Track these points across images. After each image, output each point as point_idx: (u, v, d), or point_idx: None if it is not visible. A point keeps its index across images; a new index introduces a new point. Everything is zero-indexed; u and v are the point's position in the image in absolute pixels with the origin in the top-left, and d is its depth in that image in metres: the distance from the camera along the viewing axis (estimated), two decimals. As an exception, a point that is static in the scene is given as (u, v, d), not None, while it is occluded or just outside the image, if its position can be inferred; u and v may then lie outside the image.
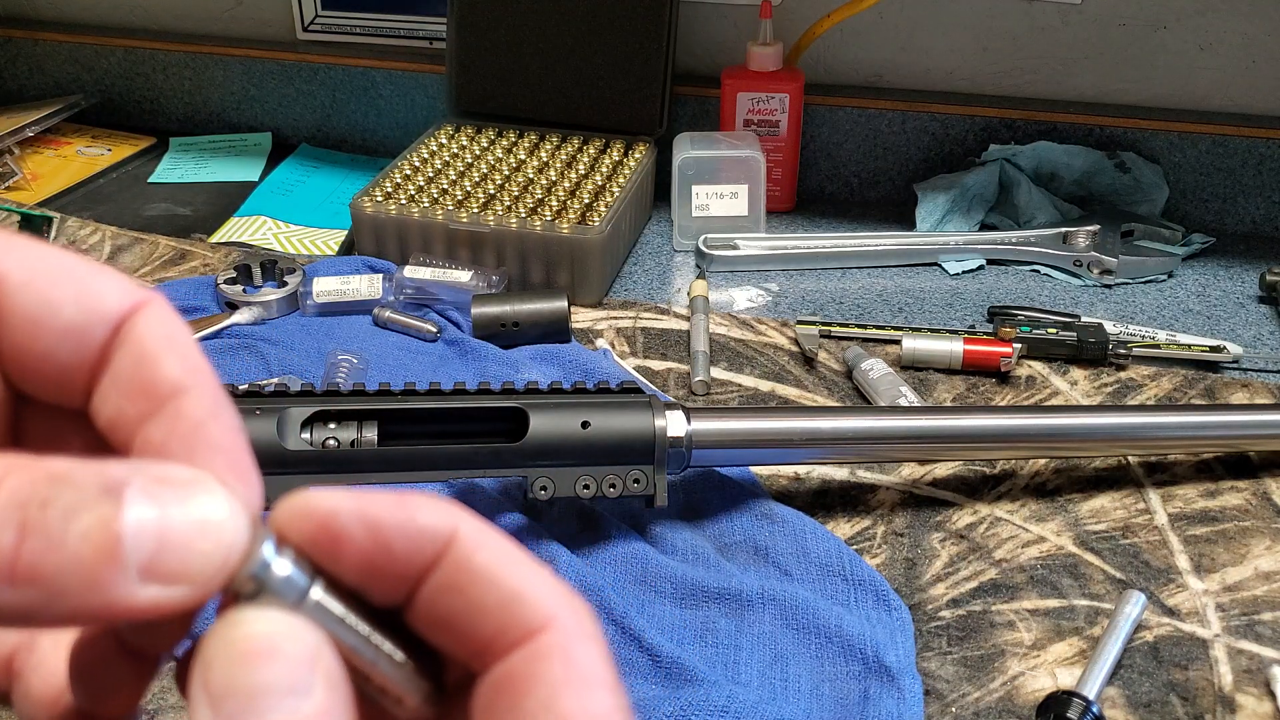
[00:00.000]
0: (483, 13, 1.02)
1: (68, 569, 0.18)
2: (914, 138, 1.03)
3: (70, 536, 0.18)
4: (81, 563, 0.18)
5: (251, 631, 0.19)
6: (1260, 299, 0.90)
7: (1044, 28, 0.99)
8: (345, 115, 1.17)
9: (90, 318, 0.21)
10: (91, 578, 0.18)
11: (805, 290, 0.92)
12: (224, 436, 0.21)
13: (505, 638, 0.21)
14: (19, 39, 1.25)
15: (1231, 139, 0.97)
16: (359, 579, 0.21)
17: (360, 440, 0.58)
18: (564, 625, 0.21)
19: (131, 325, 0.22)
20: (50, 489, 0.18)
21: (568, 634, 0.21)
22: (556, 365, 0.79)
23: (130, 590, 0.18)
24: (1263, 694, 0.55)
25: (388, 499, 0.21)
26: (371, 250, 0.91)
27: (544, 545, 0.62)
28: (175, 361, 0.21)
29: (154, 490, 0.19)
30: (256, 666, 0.19)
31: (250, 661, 0.19)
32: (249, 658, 0.19)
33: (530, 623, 0.21)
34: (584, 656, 0.21)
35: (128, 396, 0.21)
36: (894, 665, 0.55)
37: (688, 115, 1.07)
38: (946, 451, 0.67)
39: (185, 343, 0.22)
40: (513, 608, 0.21)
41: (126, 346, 0.22)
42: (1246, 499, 0.68)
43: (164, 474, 0.19)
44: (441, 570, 0.21)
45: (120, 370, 0.21)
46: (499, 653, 0.21)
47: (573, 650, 0.21)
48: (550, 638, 0.21)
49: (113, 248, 0.97)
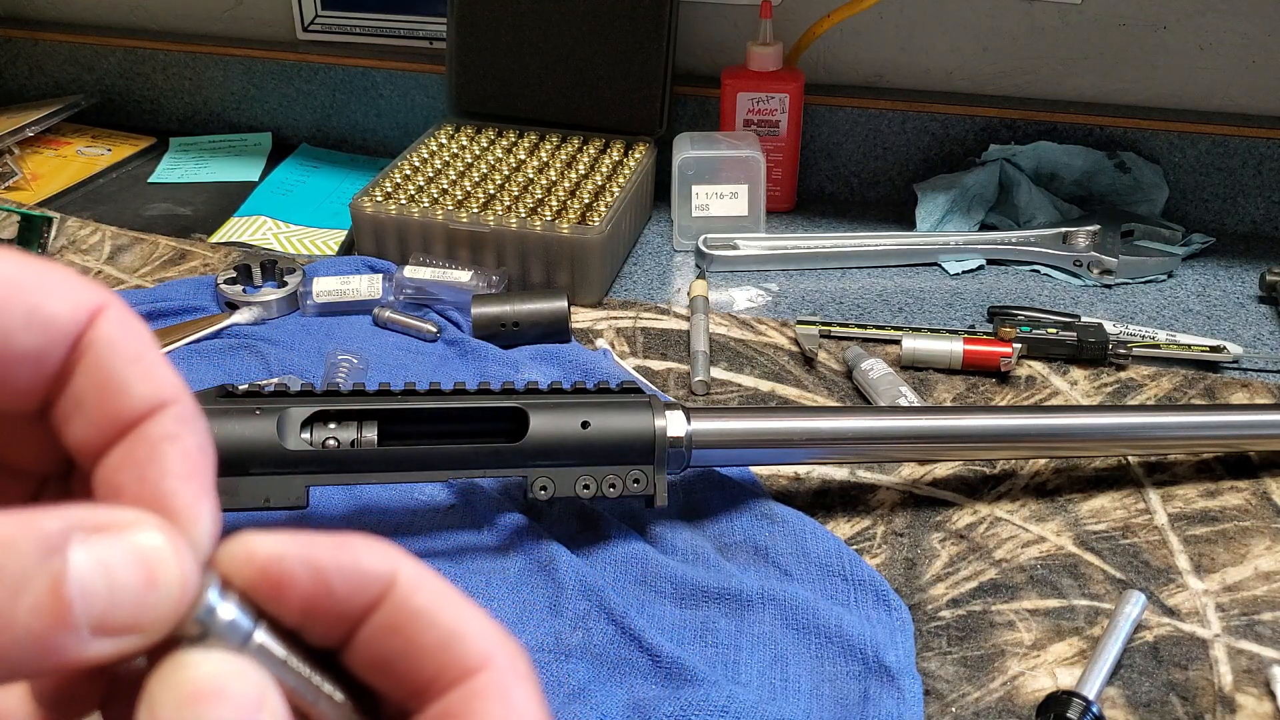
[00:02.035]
0: (483, 13, 1.02)
1: (21, 641, 0.18)
2: (914, 138, 1.03)
3: (20, 612, 0.18)
4: (32, 634, 0.18)
5: (198, 674, 0.19)
6: (1260, 299, 0.90)
7: (1044, 28, 0.99)
8: (345, 115, 1.17)
9: (44, 339, 0.20)
10: (43, 645, 0.18)
11: (805, 290, 0.92)
12: (180, 463, 0.20)
13: (443, 677, 0.21)
14: (19, 39, 1.25)
15: (1231, 139, 0.97)
16: (299, 621, 0.21)
17: (360, 440, 0.58)
18: (500, 665, 0.22)
19: (90, 341, 0.20)
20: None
21: (504, 673, 0.22)
22: (556, 365, 0.79)
23: (82, 647, 0.18)
24: (1263, 694, 0.55)
25: (330, 542, 0.21)
26: (371, 250, 0.91)
27: (544, 545, 0.62)
28: (140, 384, 0.21)
29: (95, 542, 0.18)
30: (204, 708, 0.19)
31: (197, 703, 0.19)
32: (196, 699, 0.19)
33: (468, 662, 0.21)
34: (519, 696, 0.22)
35: (94, 424, 0.21)
36: (894, 665, 0.55)
37: (688, 115, 1.07)
38: (946, 451, 0.67)
39: (149, 357, 0.21)
40: (451, 647, 0.21)
41: (87, 366, 0.20)
42: (1246, 499, 0.68)
43: (103, 520, 0.19)
44: (382, 612, 0.21)
45: (84, 395, 0.21)
46: (437, 692, 0.21)
47: (509, 690, 0.22)
48: (487, 677, 0.22)
49: (113, 248, 0.97)
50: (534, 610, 0.59)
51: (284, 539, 0.20)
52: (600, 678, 0.55)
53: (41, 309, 0.20)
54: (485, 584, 0.61)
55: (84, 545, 0.18)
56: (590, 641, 0.57)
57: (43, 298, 0.20)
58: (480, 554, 0.62)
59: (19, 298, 0.20)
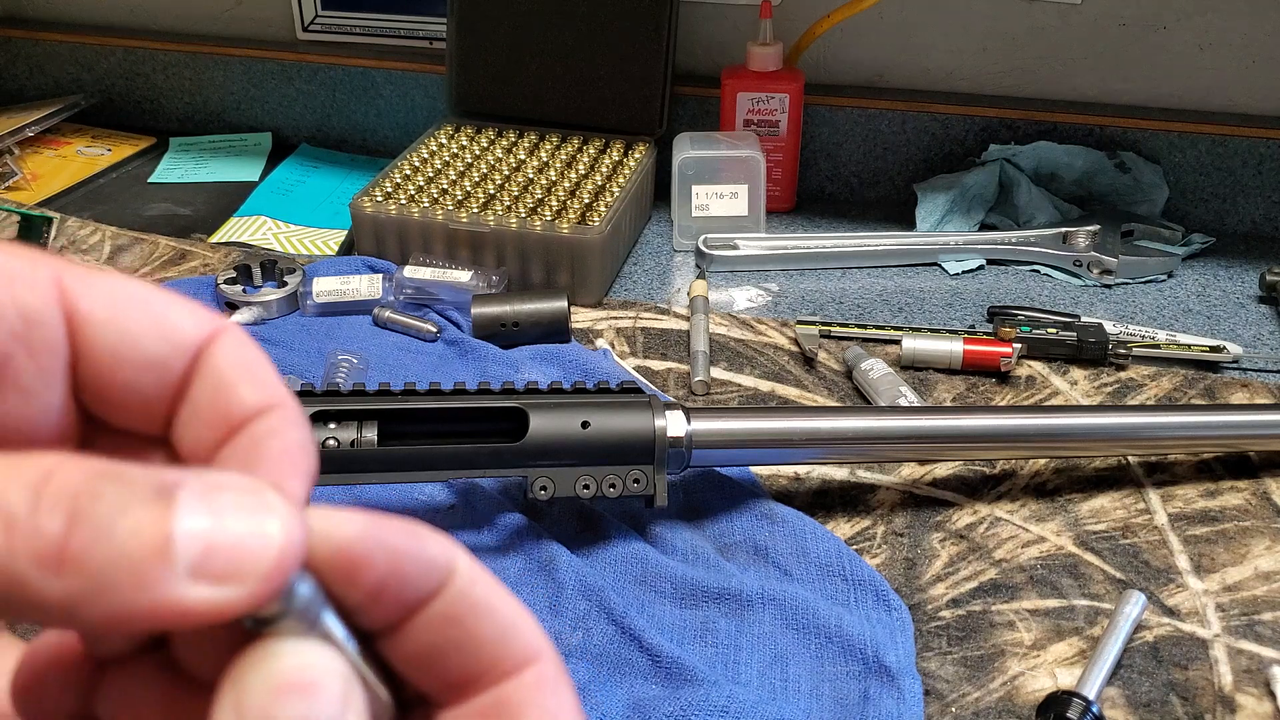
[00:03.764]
0: (483, 13, 1.02)
1: (117, 562, 0.18)
2: (914, 138, 1.03)
3: (120, 530, 0.18)
4: (130, 558, 0.18)
5: (294, 664, 0.19)
6: (1260, 299, 0.90)
7: (1044, 28, 0.99)
8: (345, 115, 1.17)
9: (170, 348, 0.22)
10: (140, 574, 0.18)
11: (805, 290, 0.92)
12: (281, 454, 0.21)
13: (498, 668, 0.22)
14: (19, 39, 1.25)
15: (1231, 139, 0.97)
16: (363, 604, 0.21)
17: (360, 440, 0.58)
18: (550, 658, 0.23)
19: (209, 354, 0.22)
20: (101, 484, 0.18)
21: (554, 666, 0.23)
22: (556, 365, 0.79)
23: (180, 589, 0.18)
24: (1263, 694, 0.55)
25: (400, 526, 0.21)
26: (371, 250, 0.91)
27: (544, 545, 0.62)
28: (250, 388, 0.22)
29: (208, 494, 0.19)
30: (296, 700, 0.19)
31: (290, 695, 0.19)
32: (290, 691, 0.19)
33: (524, 654, 0.22)
34: (567, 689, 0.23)
35: (207, 424, 0.22)
36: (894, 665, 0.55)
37: (688, 115, 1.07)
38: (946, 451, 0.67)
39: (261, 368, 0.22)
40: (508, 640, 0.22)
41: (204, 375, 0.22)
42: (1246, 499, 0.68)
43: (219, 480, 0.19)
44: (442, 600, 0.21)
45: (199, 399, 0.22)
46: (490, 682, 0.22)
47: (559, 682, 0.23)
48: (539, 669, 0.22)
49: (113, 248, 0.97)
50: (534, 610, 0.59)
51: (361, 518, 0.21)
52: (600, 678, 0.55)
53: (167, 320, 0.22)
54: (485, 584, 0.60)
55: (195, 494, 0.19)
56: (590, 641, 0.57)
57: (170, 314, 0.22)
58: (480, 554, 0.62)
59: (150, 312, 0.22)
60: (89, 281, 0.22)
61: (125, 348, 0.21)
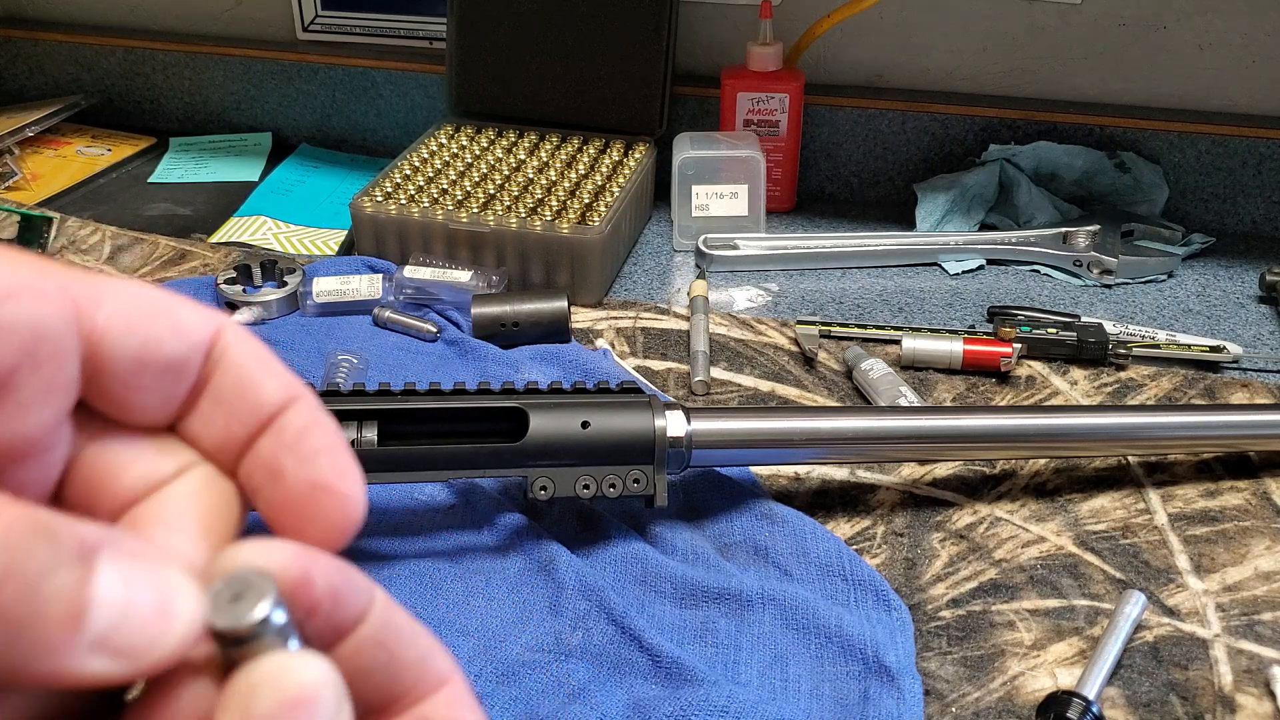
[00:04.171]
0: (483, 13, 1.02)
1: (33, 623, 0.18)
2: (914, 138, 1.03)
3: (44, 592, 0.18)
4: (46, 622, 0.18)
5: (301, 679, 0.20)
6: (1260, 299, 0.90)
7: (1044, 28, 0.99)
8: (345, 115, 1.17)
9: (188, 348, 0.22)
10: (50, 640, 0.18)
11: (805, 290, 0.92)
12: (326, 440, 0.23)
13: (419, 688, 0.23)
14: (19, 39, 1.25)
15: (1231, 139, 0.97)
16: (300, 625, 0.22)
17: (360, 440, 0.58)
18: (461, 680, 0.24)
19: (222, 349, 0.23)
20: (35, 541, 0.18)
21: (465, 685, 0.24)
22: (556, 365, 0.79)
23: (79, 660, 0.18)
24: (1263, 694, 0.55)
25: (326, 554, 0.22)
26: (371, 250, 0.91)
27: (544, 545, 0.62)
28: (273, 381, 0.23)
29: (124, 564, 0.19)
30: (301, 713, 0.19)
31: (296, 709, 0.19)
32: (297, 705, 0.19)
33: (440, 675, 0.24)
34: (478, 707, 0.24)
35: (236, 418, 0.23)
36: (894, 665, 0.55)
37: (688, 115, 1.07)
38: (946, 451, 0.67)
39: (273, 360, 0.24)
40: (426, 662, 0.23)
41: (223, 371, 0.23)
42: (1246, 499, 0.68)
43: (136, 549, 0.20)
44: (369, 625, 0.22)
45: (223, 394, 0.23)
46: (412, 701, 0.23)
47: (471, 697, 0.24)
48: (455, 687, 0.24)
49: (113, 248, 0.97)
50: (534, 610, 0.59)
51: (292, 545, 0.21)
52: (600, 678, 0.55)
53: (182, 320, 0.22)
54: (485, 584, 0.61)
55: (111, 562, 0.19)
56: (590, 641, 0.57)
57: (182, 312, 0.23)
58: (480, 554, 0.62)
59: (166, 314, 0.22)
60: (102, 290, 0.22)
61: (148, 353, 0.22)
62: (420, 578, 0.61)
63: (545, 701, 0.53)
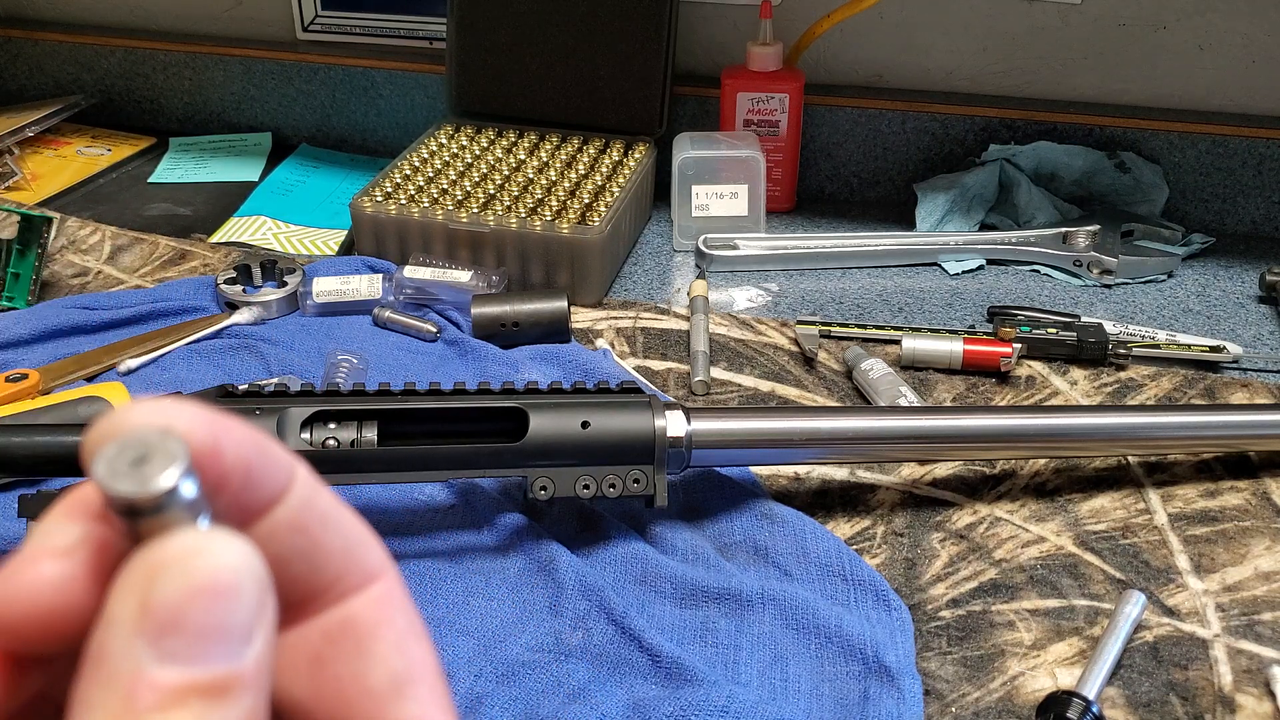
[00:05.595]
0: (483, 13, 1.02)
1: None
2: (914, 138, 1.03)
3: None
4: None
5: (217, 564, 0.17)
6: (1260, 299, 0.90)
7: (1044, 28, 0.99)
8: (345, 115, 1.17)
9: None
10: None
11: (805, 290, 0.92)
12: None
13: (344, 582, 0.21)
14: (19, 39, 1.25)
15: (1231, 139, 0.97)
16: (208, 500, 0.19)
17: (360, 440, 0.58)
18: (394, 575, 0.21)
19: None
20: None
21: (399, 583, 0.21)
22: (556, 365, 0.79)
23: None
24: (1263, 694, 0.55)
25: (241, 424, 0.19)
26: (371, 250, 0.91)
27: (544, 545, 0.62)
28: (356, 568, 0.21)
29: None
30: (215, 604, 0.17)
31: (211, 598, 0.17)
32: (210, 594, 0.17)
33: (369, 569, 0.21)
34: (411, 605, 0.21)
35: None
36: (894, 665, 0.55)
37: (688, 115, 1.07)
38: (946, 451, 0.67)
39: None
40: (354, 552, 0.21)
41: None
42: (1246, 499, 0.68)
43: None
44: (286, 506, 0.20)
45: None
46: (335, 597, 0.21)
47: (405, 598, 0.21)
48: (386, 585, 0.21)
49: (113, 248, 0.97)
50: (534, 610, 0.59)
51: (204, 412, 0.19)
52: (600, 678, 0.55)
53: None
54: (485, 584, 0.61)
55: None
56: (590, 641, 0.57)
57: None
58: (480, 554, 0.62)
59: None
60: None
61: None
62: (420, 578, 0.61)
63: (545, 701, 0.53)
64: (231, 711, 0.17)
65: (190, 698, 0.17)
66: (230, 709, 0.17)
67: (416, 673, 0.21)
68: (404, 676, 0.21)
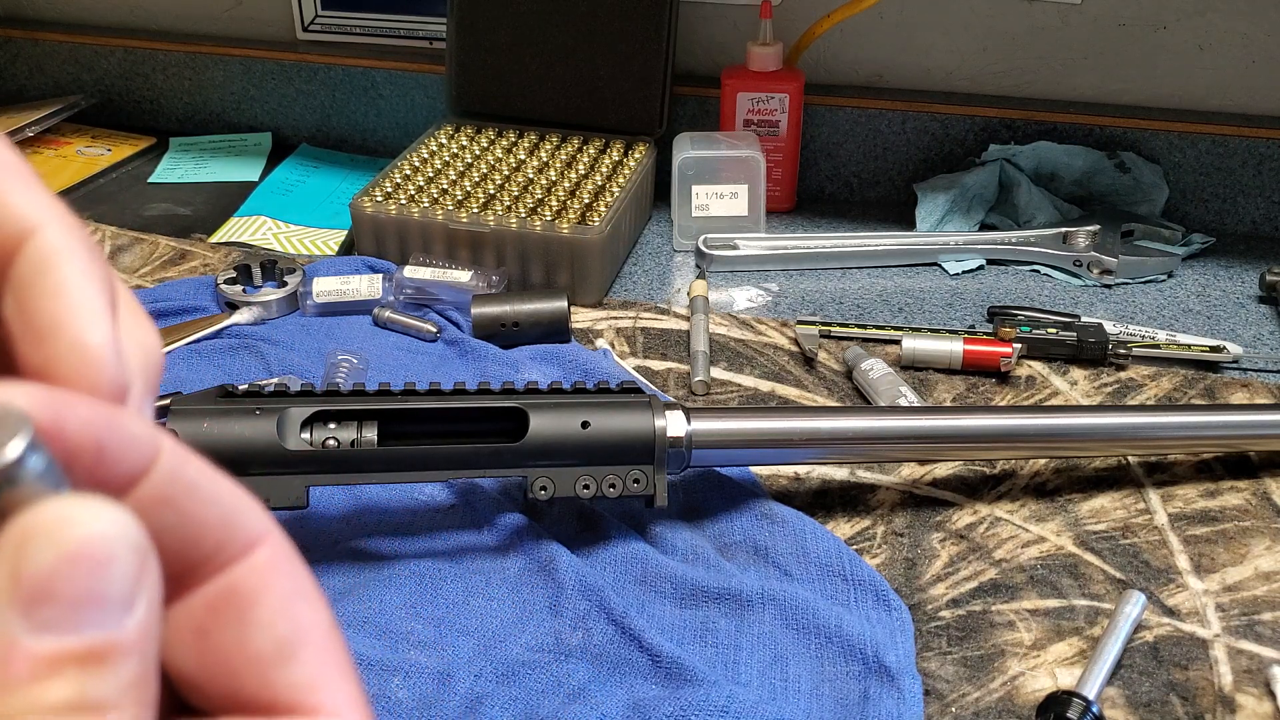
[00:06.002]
0: (483, 13, 1.02)
1: None
2: (914, 138, 1.03)
3: None
4: None
5: (89, 531, 0.17)
6: (1260, 299, 0.90)
7: (1044, 28, 0.99)
8: (345, 115, 1.17)
9: None
10: None
11: (805, 290, 0.92)
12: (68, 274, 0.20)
13: (224, 553, 0.20)
14: (19, 39, 1.25)
15: (1231, 139, 0.97)
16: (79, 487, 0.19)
17: (360, 440, 0.58)
18: (280, 539, 0.21)
19: None
20: None
21: (283, 545, 0.21)
22: (556, 365, 0.79)
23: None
24: (1263, 694, 0.55)
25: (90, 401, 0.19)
26: (371, 250, 0.91)
27: (544, 545, 0.62)
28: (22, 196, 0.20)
29: None
30: (89, 572, 0.17)
31: (83, 565, 0.17)
32: (84, 561, 0.17)
33: (249, 536, 0.20)
34: (299, 567, 0.21)
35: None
36: (894, 665, 0.55)
37: (688, 115, 1.07)
38: (946, 451, 0.67)
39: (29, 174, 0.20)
40: (230, 520, 0.20)
41: None
42: (1246, 499, 0.68)
43: None
44: (150, 482, 0.19)
45: None
46: (215, 568, 0.20)
47: (291, 561, 0.21)
48: (269, 550, 0.21)
49: (113, 248, 0.97)
50: (534, 610, 0.59)
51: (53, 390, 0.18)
52: (600, 678, 0.55)
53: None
54: (485, 584, 0.61)
55: None
56: (590, 641, 0.57)
57: None
58: (480, 554, 0.62)
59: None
60: None
61: None
62: (420, 578, 0.61)
63: (545, 701, 0.53)
64: (111, 680, 0.17)
65: (66, 667, 0.17)
66: (110, 677, 0.17)
67: (304, 636, 0.20)
68: (289, 640, 0.20)
